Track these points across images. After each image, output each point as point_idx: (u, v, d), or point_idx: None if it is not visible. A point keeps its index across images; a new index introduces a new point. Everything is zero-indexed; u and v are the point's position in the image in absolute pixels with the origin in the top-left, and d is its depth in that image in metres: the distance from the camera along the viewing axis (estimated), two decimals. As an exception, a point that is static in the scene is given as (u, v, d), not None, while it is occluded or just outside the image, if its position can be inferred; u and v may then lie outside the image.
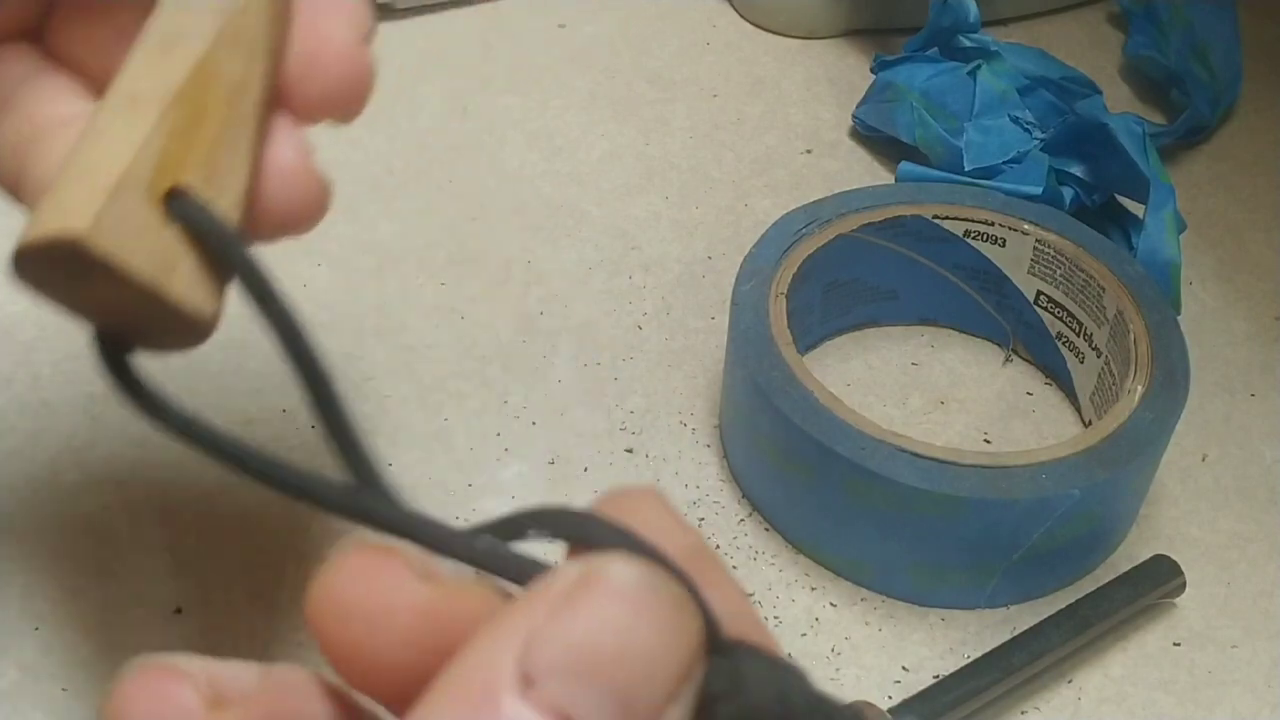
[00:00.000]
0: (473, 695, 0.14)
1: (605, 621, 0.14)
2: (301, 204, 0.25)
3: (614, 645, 0.14)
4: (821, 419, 0.35)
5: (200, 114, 0.22)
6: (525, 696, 0.14)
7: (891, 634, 0.36)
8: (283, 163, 0.24)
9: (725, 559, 0.37)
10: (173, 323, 0.22)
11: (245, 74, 0.23)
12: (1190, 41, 0.55)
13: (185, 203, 0.22)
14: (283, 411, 0.41)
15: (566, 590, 0.15)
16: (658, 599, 0.15)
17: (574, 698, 0.14)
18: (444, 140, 0.52)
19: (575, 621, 0.14)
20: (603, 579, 0.15)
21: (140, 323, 0.22)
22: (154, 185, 0.21)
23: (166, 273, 0.21)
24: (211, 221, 0.22)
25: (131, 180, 0.21)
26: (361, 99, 0.26)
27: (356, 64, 0.25)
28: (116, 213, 0.20)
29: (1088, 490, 0.34)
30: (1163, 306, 0.39)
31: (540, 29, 0.59)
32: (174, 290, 0.21)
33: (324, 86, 0.25)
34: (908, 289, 0.44)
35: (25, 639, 0.34)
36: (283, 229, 0.25)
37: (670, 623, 0.15)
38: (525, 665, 0.14)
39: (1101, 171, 0.47)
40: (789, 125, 0.54)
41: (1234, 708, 0.34)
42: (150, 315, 0.22)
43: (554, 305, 0.45)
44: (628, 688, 0.14)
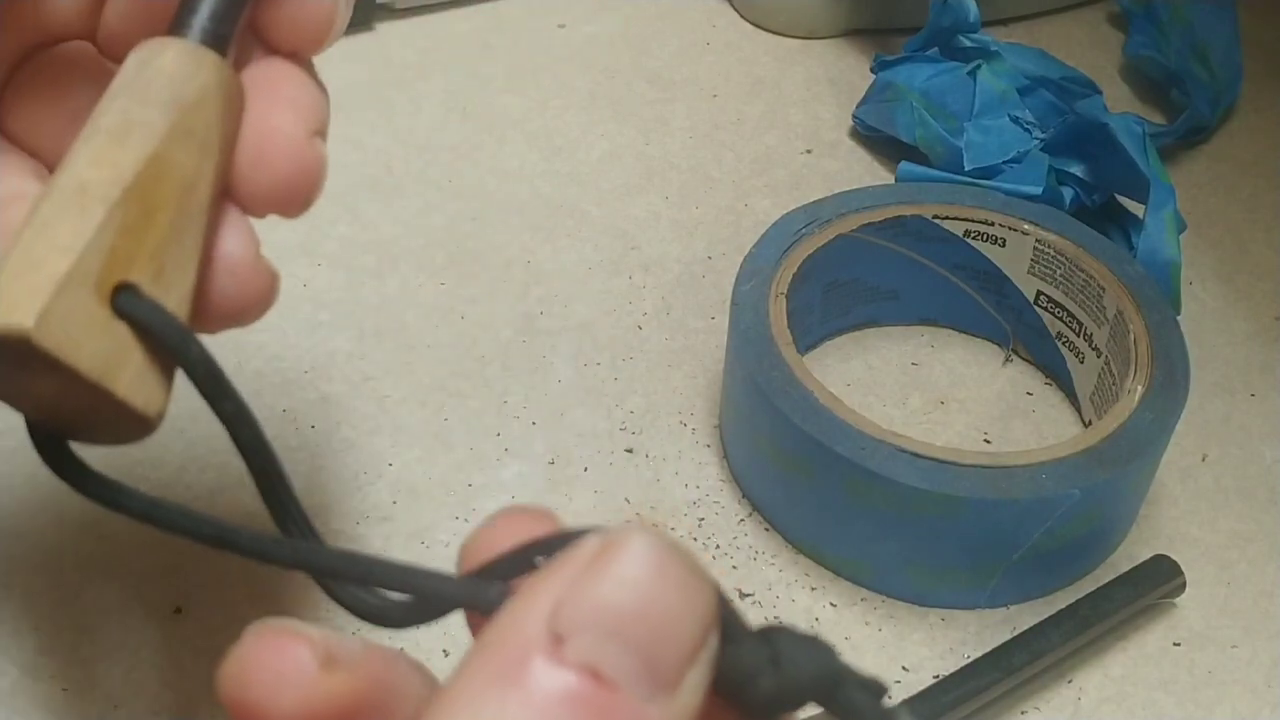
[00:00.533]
0: (506, 657, 0.15)
1: (628, 582, 0.15)
2: (248, 297, 0.25)
3: (638, 603, 0.15)
4: (821, 419, 0.35)
5: (151, 209, 0.22)
6: (555, 655, 0.15)
7: (891, 634, 0.36)
8: (231, 256, 0.24)
9: (725, 559, 0.37)
10: (117, 418, 0.22)
11: (197, 168, 0.23)
12: (1190, 41, 0.55)
13: (134, 300, 0.21)
14: (282, 411, 0.41)
15: (589, 558, 0.16)
16: (675, 563, 0.16)
17: (602, 653, 0.15)
18: (444, 140, 0.52)
19: (600, 584, 0.15)
20: (623, 546, 0.16)
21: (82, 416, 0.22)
22: (102, 281, 0.21)
23: (114, 369, 0.21)
24: (162, 319, 0.21)
25: (80, 276, 0.21)
26: (309, 195, 0.25)
27: (305, 159, 0.25)
28: (64, 308, 0.20)
29: (1088, 490, 0.34)
30: (1163, 306, 0.39)
31: (540, 29, 0.59)
32: (120, 387, 0.21)
33: (271, 181, 0.25)
34: (908, 289, 0.44)
35: (25, 639, 0.34)
36: (229, 321, 0.25)
37: (688, 585, 0.16)
38: (555, 625, 0.15)
39: (1101, 171, 0.47)
40: (789, 125, 0.54)
41: (1234, 708, 0.34)
42: (94, 410, 0.22)
43: (554, 305, 0.45)
44: (652, 645, 0.15)
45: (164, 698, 0.33)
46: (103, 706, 0.33)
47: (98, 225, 0.21)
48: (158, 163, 0.22)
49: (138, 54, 0.24)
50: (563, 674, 0.15)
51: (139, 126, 0.23)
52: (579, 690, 0.15)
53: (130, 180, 0.22)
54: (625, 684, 0.15)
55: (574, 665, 0.15)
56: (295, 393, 0.41)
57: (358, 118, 0.53)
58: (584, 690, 0.15)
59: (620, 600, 0.15)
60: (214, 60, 0.24)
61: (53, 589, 0.35)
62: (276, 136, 0.25)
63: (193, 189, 0.23)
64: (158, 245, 0.22)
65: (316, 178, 0.25)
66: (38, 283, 0.20)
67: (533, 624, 0.15)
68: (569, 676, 0.15)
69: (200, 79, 0.24)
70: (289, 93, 0.25)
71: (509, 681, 0.15)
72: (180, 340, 0.21)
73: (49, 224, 0.21)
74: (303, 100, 0.26)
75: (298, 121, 0.25)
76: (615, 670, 0.15)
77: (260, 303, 0.25)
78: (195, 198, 0.23)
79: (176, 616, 0.35)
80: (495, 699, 0.15)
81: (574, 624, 0.15)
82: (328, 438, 0.40)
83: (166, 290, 0.22)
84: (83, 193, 0.21)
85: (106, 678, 0.34)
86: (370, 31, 0.58)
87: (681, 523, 0.38)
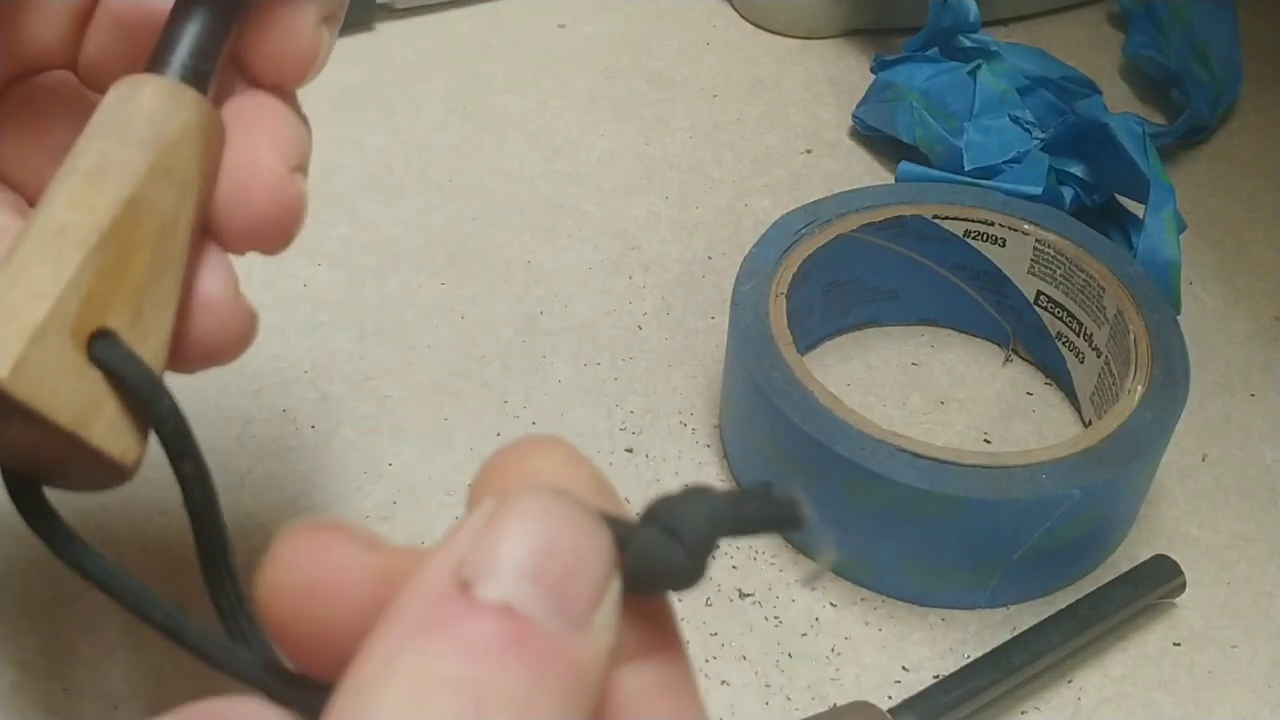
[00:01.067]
0: (420, 610, 0.15)
1: (528, 530, 0.16)
2: (228, 336, 0.24)
3: (539, 546, 0.15)
4: (821, 419, 0.35)
5: (128, 252, 0.22)
6: (468, 599, 0.15)
7: (891, 634, 0.36)
8: (210, 295, 0.24)
9: (725, 559, 0.37)
10: (92, 466, 0.21)
11: (176, 208, 0.23)
12: (1190, 41, 0.55)
13: (109, 347, 0.21)
14: (283, 411, 0.41)
15: (487, 515, 0.16)
16: (572, 507, 0.16)
17: (512, 591, 0.15)
18: (444, 140, 0.52)
19: (501, 536, 0.16)
20: (518, 500, 0.16)
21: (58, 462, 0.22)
22: (78, 328, 0.21)
23: (89, 417, 0.21)
24: (134, 368, 0.21)
25: (56, 323, 0.20)
26: (289, 232, 0.25)
27: (284, 196, 0.25)
28: (39, 357, 0.20)
29: (1088, 490, 0.34)
30: (1163, 306, 0.39)
31: (540, 29, 0.59)
32: (95, 436, 0.21)
33: (250, 218, 0.24)
34: (908, 289, 0.44)
35: (25, 639, 0.34)
36: (208, 360, 0.24)
37: (587, 526, 0.16)
38: (460, 575, 0.15)
39: (1101, 171, 0.47)
40: (789, 125, 0.54)
41: (1234, 708, 0.34)
42: (69, 457, 0.21)
43: (554, 305, 0.45)
44: (560, 582, 0.15)
45: (164, 698, 0.33)
46: (103, 706, 0.33)
47: (74, 271, 0.21)
48: (135, 205, 0.22)
49: (117, 90, 0.24)
50: (476, 616, 0.15)
51: (116, 167, 0.22)
52: (496, 628, 0.15)
53: (108, 223, 0.21)
54: (539, 618, 0.15)
55: (487, 606, 0.15)
56: (295, 393, 0.41)
57: (358, 118, 0.53)
58: (500, 627, 0.15)
59: (521, 546, 0.15)
60: (194, 97, 0.24)
61: (53, 589, 0.35)
62: (257, 171, 0.24)
63: (171, 229, 0.23)
64: (135, 288, 0.22)
65: (297, 214, 0.25)
66: (13, 331, 0.20)
67: (440, 577, 0.15)
68: (483, 617, 0.15)
69: (180, 117, 0.23)
70: (270, 127, 0.25)
71: (426, 630, 0.15)
72: (151, 392, 0.21)
73: (25, 269, 0.21)
74: (284, 134, 0.25)
75: (278, 156, 0.25)
76: (527, 606, 0.15)
77: (240, 342, 0.25)
78: (174, 238, 0.23)
79: (176, 616, 0.35)
80: (415, 650, 0.15)
81: (481, 570, 0.15)
82: (328, 438, 0.40)
83: (145, 333, 0.22)
84: (60, 236, 0.21)
85: (106, 678, 0.34)
86: (370, 31, 0.58)
87: (681, 523, 0.38)
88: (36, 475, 0.22)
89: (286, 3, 0.25)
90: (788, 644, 0.35)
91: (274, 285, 0.45)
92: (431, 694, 0.14)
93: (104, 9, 0.26)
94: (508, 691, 0.15)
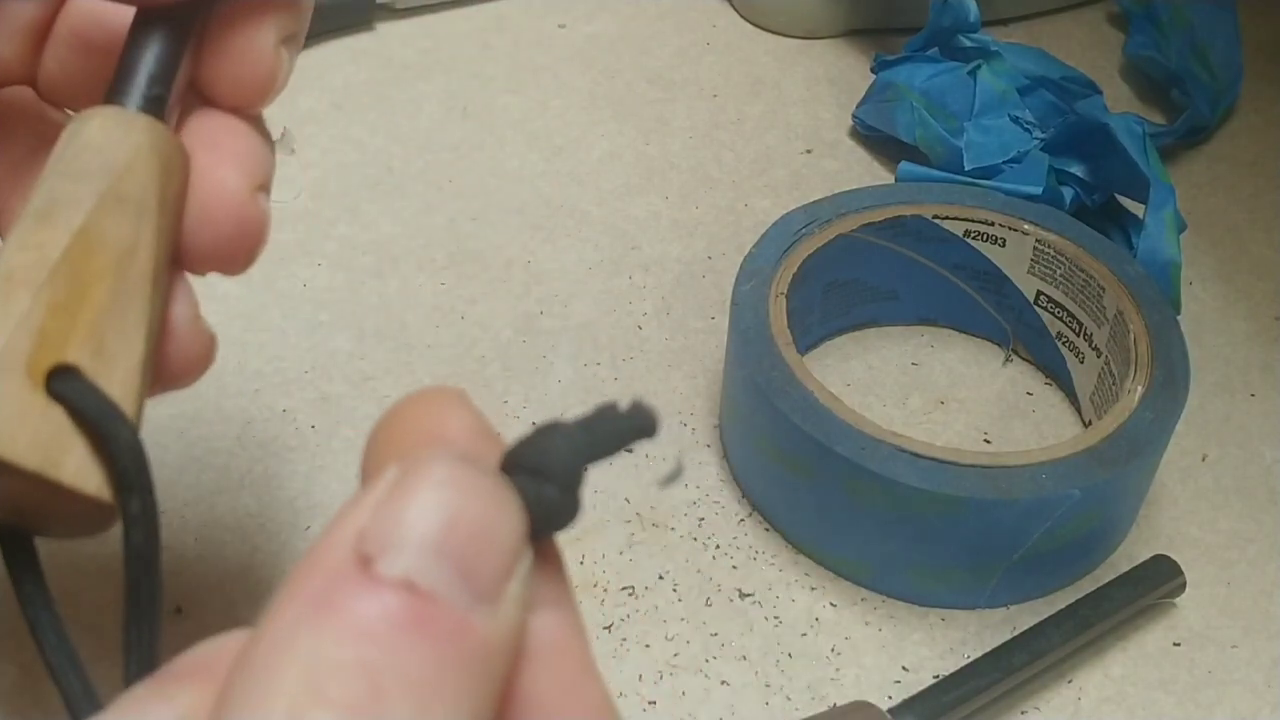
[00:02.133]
0: (315, 588, 0.14)
1: (432, 501, 0.15)
2: (188, 360, 0.24)
3: (445, 515, 0.15)
4: (821, 419, 0.35)
5: (84, 284, 0.21)
6: (366, 574, 0.14)
7: (891, 634, 0.36)
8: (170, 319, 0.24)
9: (725, 559, 0.37)
10: (73, 508, 0.21)
11: (134, 235, 0.22)
12: (1190, 41, 0.55)
13: (69, 381, 0.20)
14: (282, 411, 0.41)
15: (390, 485, 0.15)
16: (479, 478, 0.15)
17: (415, 566, 0.14)
18: (444, 140, 0.52)
19: (405, 504, 0.15)
20: (422, 469, 0.15)
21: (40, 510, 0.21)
22: (34, 365, 0.20)
23: (57, 457, 0.20)
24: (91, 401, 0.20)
25: (7, 364, 0.20)
26: (250, 253, 0.25)
27: (247, 216, 0.25)
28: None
29: (1088, 490, 0.34)
30: (1163, 306, 0.39)
31: (540, 29, 0.59)
32: (66, 475, 0.20)
33: (213, 239, 0.24)
34: (908, 289, 0.44)
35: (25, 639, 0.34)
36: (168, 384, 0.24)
37: (494, 496, 0.15)
38: (362, 548, 0.14)
39: (1101, 171, 0.47)
40: (789, 125, 0.54)
41: (1234, 708, 0.34)
42: (48, 502, 0.21)
43: (554, 305, 0.45)
44: (465, 554, 0.15)
45: (164, 698, 0.33)
46: (103, 706, 0.33)
47: (23, 311, 0.20)
48: (86, 236, 0.22)
49: (68, 128, 0.24)
50: (376, 593, 0.14)
51: (63, 202, 0.22)
52: (396, 606, 0.14)
53: (57, 258, 0.21)
54: (444, 594, 0.14)
55: (387, 582, 0.14)
56: (295, 393, 0.41)
57: (358, 118, 0.53)
58: (401, 605, 0.14)
59: (426, 515, 0.15)
60: (145, 123, 0.23)
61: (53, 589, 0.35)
62: (219, 192, 0.24)
63: (131, 255, 0.22)
64: (94, 320, 0.21)
65: (259, 235, 0.25)
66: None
67: (339, 552, 0.14)
68: (383, 594, 0.14)
69: (129, 142, 0.23)
70: (232, 147, 0.25)
71: (322, 610, 0.14)
72: (106, 423, 0.20)
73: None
74: (245, 155, 0.25)
75: (241, 177, 0.25)
76: (431, 582, 0.14)
77: (199, 365, 0.25)
78: (135, 264, 0.22)
79: (176, 616, 0.35)
80: (309, 631, 0.14)
81: (382, 544, 0.14)
82: (328, 438, 0.40)
83: (110, 364, 0.21)
84: (8, 280, 0.21)
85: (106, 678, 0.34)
86: (370, 31, 0.58)
87: (681, 523, 0.38)
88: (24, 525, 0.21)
89: (245, 25, 0.25)
90: (788, 644, 0.35)
91: (274, 285, 0.45)
92: (326, 680, 0.13)
93: (62, 25, 0.26)
94: (408, 675, 0.14)
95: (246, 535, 0.37)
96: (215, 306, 0.42)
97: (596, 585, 0.36)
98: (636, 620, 0.36)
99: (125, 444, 0.20)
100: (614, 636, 0.35)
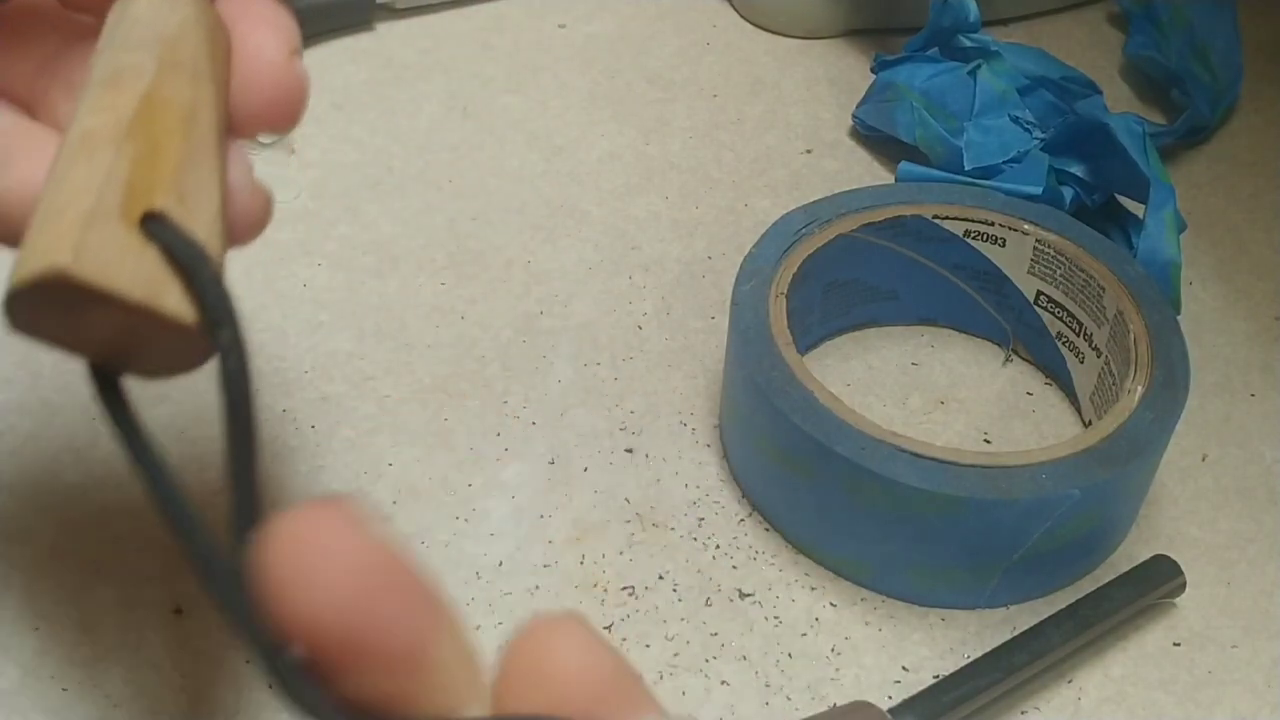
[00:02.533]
0: None
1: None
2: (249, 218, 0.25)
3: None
4: (821, 419, 0.35)
5: (157, 141, 0.23)
6: None
7: (891, 634, 0.36)
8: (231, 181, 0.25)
9: (725, 559, 0.37)
10: (173, 342, 0.22)
11: (194, 97, 0.24)
12: (1190, 41, 0.55)
13: (161, 225, 0.22)
14: (283, 411, 0.41)
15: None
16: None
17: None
18: (444, 140, 0.52)
19: None
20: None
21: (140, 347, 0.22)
22: (127, 212, 0.21)
23: (158, 289, 0.21)
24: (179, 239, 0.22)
25: (103, 210, 0.21)
26: (296, 112, 0.26)
27: (287, 78, 0.26)
28: (95, 241, 0.21)
29: (1088, 490, 0.34)
30: (1163, 306, 0.39)
31: (540, 29, 0.59)
32: (169, 306, 0.21)
33: (258, 102, 0.25)
34: (908, 289, 0.44)
35: (25, 639, 0.34)
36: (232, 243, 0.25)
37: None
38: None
39: (1101, 171, 0.47)
40: (789, 125, 0.54)
41: (1234, 708, 0.34)
42: (149, 337, 0.22)
43: (554, 305, 0.45)
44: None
45: (164, 698, 0.33)
46: (103, 706, 0.33)
47: (109, 163, 0.22)
48: (152, 99, 0.23)
49: (115, 8, 0.25)
50: None
51: (127, 71, 0.23)
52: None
53: (130, 118, 0.22)
54: None
55: None
56: (295, 393, 0.41)
57: (358, 118, 0.53)
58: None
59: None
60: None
61: (53, 589, 0.35)
62: (259, 57, 0.26)
63: (194, 117, 0.24)
64: (173, 173, 0.23)
65: (301, 95, 0.26)
66: (65, 225, 0.21)
67: None
68: None
69: (176, 15, 0.25)
70: (264, 15, 0.26)
71: None
72: (193, 262, 0.22)
73: (63, 175, 0.22)
74: (277, 22, 0.26)
75: (278, 42, 0.26)
76: None
77: (259, 223, 0.26)
78: (199, 124, 0.24)
79: (176, 616, 0.35)
80: None
81: None
82: (328, 438, 0.40)
83: (194, 213, 0.23)
84: (89, 139, 0.22)
85: (106, 678, 0.34)
86: (370, 31, 0.58)
87: (681, 523, 0.38)
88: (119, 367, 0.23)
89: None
90: (788, 644, 0.35)
91: (274, 285, 0.45)
92: None
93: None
94: None
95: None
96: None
97: (596, 585, 0.36)
98: (636, 620, 0.36)
99: (215, 281, 0.22)
100: (614, 636, 0.35)
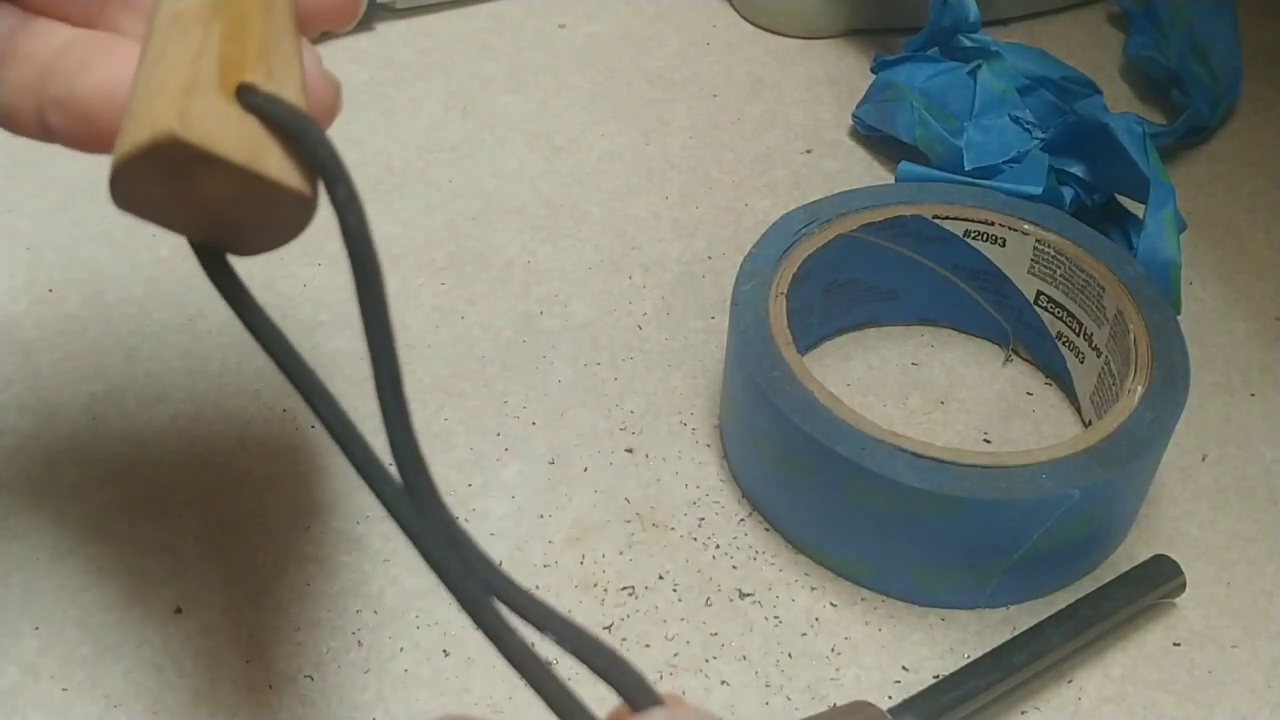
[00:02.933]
0: None
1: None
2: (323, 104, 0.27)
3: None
4: (821, 419, 0.35)
5: (243, 21, 0.24)
6: None
7: (891, 634, 0.36)
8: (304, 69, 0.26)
9: (725, 559, 0.37)
10: (274, 209, 0.23)
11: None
12: (1190, 41, 0.55)
13: (256, 95, 0.23)
14: (283, 412, 0.41)
15: None
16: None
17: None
18: (444, 140, 0.52)
19: None
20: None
21: (240, 219, 0.23)
22: (224, 83, 0.23)
23: (260, 154, 0.22)
24: (282, 108, 0.23)
25: (203, 81, 0.22)
26: (355, 10, 0.28)
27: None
28: (199, 109, 0.22)
29: (1088, 490, 0.34)
30: (1163, 306, 0.39)
31: (540, 29, 0.59)
32: (271, 169, 0.23)
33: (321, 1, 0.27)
34: (908, 289, 0.44)
35: (25, 639, 0.34)
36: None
37: None
38: None
39: (1101, 171, 0.47)
40: (789, 125, 0.54)
41: (1234, 708, 0.34)
42: (250, 205, 0.23)
43: (554, 305, 0.45)
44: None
45: (164, 698, 0.33)
46: (103, 706, 0.33)
47: (202, 39, 0.23)
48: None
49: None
50: None
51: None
52: None
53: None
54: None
55: None
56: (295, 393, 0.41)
57: (358, 118, 0.53)
58: None
59: None
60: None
61: (53, 589, 0.35)
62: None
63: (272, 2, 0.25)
64: (260, 50, 0.24)
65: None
66: (168, 96, 0.22)
67: None
68: None
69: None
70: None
71: None
72: (301, 125, 0.23)
73: (160, 54, 0.23)
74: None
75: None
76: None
77: (332, 109, 0.27)
78: (278, 9, 0.25)
79: (176, 616, 0.35)
80: None
81: None
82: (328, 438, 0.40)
83: (281, 87, 0.24)
84: (179, 19, 0.23)
85: (106, 678, 0.34)
86: (370, 31, 0.58)
87: (681, 523, 0.38)
88: (222, 243, 0.24)
89: None
90: (788, 644, 0.35)
91: (274, 285, 0.45)
92: None
93: None
94: None
95: (246, 535, 0.37)
96: (215, 306, 0.42)
97: (596, 585, 0.36)
98: (636, 620, 0.36)
99: (320, 140, 0.23)
100: (614, 637, 0.35)
